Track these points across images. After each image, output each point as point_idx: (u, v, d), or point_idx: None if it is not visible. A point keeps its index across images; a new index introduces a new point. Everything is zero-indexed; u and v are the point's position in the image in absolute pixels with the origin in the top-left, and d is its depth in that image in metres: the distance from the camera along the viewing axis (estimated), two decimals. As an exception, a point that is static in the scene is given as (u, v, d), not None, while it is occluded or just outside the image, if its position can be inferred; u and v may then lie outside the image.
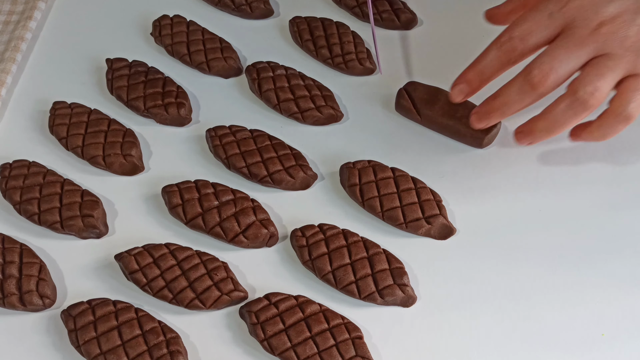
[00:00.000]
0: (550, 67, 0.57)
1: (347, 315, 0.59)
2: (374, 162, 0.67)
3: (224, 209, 0.63)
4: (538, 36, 0.58)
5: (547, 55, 0.57)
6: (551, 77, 0.57)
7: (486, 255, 0.62)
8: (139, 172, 0.68)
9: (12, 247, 0.61)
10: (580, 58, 0.57)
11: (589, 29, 0.57)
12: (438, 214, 0.63)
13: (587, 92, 0.56)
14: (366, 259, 0.61)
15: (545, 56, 0.57)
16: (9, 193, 0.65)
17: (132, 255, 0.61)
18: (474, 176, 0.67)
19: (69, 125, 0.69)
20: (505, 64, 0.60)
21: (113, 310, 0.58)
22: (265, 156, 0.67)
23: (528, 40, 0.58)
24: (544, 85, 0.57)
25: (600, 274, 0.61)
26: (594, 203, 0.65)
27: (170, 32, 0.77)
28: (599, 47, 0.57)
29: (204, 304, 0.59)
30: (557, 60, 0.57)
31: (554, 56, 0.57)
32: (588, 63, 0.57)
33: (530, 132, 0.61)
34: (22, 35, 0.77)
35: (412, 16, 0.79)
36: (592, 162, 0.68)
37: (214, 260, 0.61)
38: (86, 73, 0.75)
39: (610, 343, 0.58)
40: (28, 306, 0.59)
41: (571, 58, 0.57)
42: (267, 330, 0.57)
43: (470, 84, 0.62)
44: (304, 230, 0.63)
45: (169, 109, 0.71)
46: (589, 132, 0.60)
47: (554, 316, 0.59)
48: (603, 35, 0.57)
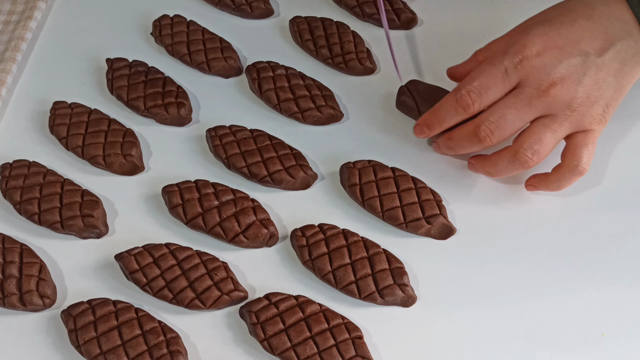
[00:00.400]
0: (496, 125, 0.61)
1: (347, 315, 0.59)
2: (374, 162, 0.67)
3: (224, 209, 0.63)
4: (494, 93, 0.61)
5: (495, 113, 0.61)
6: (497, 135, 0.61)
7: (486, 255, 0.62)
8: (139, 172, 0.68)
9: (12, 247, 0.61)
10: (527, 118, 0.61)
11: (539, 90, 0.60)
12: (438, 214, 0.63)
13: (527, 155, 0.61)
14: (366, 259, 0.61)
15: (493, 114, 0.61)
16: (9, 193, 0.65)
17: (132, 255, 0.61)
18: (474, 176, 0.67)
19: (69, 125, 0.69)
20: (462, 115, 0.63)
21: (113, 310, 0.58)
22: (266, 156, 0.67)
23: (484, 96, 0.62)
24: (490, 141, 0.62)
25: (600, 273, 0.61)
26: (594, 203, 0.65)
27: (171, 32, 0.77)
28: (547, 108, 0.61)
29: (204, 304, 0.59)
30: (505, 120, 0.61)
31: (502, 115, 0.61)
32: (533, 122, 0.61)
33: (474, 167, 0.66)
34: (22, 35, 0.77)
35: (412, 16, 0.79)
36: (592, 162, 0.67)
37: (214, 260, 0.61)
38: (86, 73, 0.75)
39: (610, 343, 0.58)
40: (28, 306, 0.59)
41: (518, 118, 0.61)
42: (267, 330, 0.57)
43: (430, 128, 0.65)
44: (304, 230, 0.63)
45: (169, 109, 0.71)
46: (546, 185, 0.64)
47: (554, 316, 0.59)
48: (552, 97, 0.60)
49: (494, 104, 0.61)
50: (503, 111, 0.61)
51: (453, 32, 0.78)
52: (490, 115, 0.61)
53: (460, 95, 0.62)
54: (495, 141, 0.61)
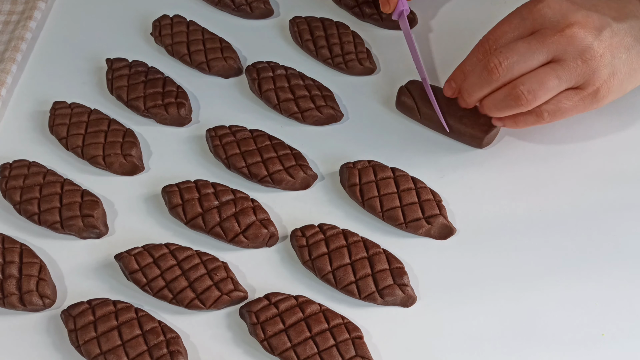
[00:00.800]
0: (505, 57, 0.61)
1: (347, 315, 0.59)
2: (374, 162, 0.67)
3: (224, 209, 0.63)
4: (510, 36, 0.62)
5: (508, 47, 0.61)
6: (505, 69, 0.61)
7: (486, 255, 0.62)
8: (139, 172, 0.68)
9: (12, 247, 0.61)
10: (538, 58, 0.61)
11: (555, 30, 0.60)
12: (438, 214, 0.63)
13: (522, 91, 0.60)
14: (366, 259, 0.61)
15: (506, 48, 0.61)
16: (9, 193, 0.65)
17: (132, 255, 0.61)
18: (474, 176, 0.67)
19: (69, 125, 0.69)
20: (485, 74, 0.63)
21: (113, 310, 0.58)
22: (265, 156, 0.67)
23: (500, 39, 0.62)
24: (498, 74, 0.61)
25: (601, 274, 0.61)
26: (594, 203, 0.65)
27: (170, 32, 0.77)
28: (559, 50, 0.60)
29: (204, 304, 0.59)
30: (516, 53, 0.61)
31: (515, 49, 0.61)
32: (541, 66, 0.61)
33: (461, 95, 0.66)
34: (22, 35, 0.77)
35: (412, 16, 0.79)
36: (592, 162, 0.68)
37: (214, 260, 0.61)
38: (86, 73, 0.75)
39: (610, 343, 0.58)
40: (28, 306, 0.59)
41: (529, 54, 0.60)
42: (267, 330, 0.57)
43: (456, 81, 0.66)
44: (304, 230, 0.63)
45: (169, 109, 0.71)
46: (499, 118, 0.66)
47: (554, 316, 0.59)
48: (567, 38, 0.60)
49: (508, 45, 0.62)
50: (516, 45, 0.61)
51: (453, 32, 0.78)
52: (502, 49, 0.61)
53: (480, 43, 0.64)
54: (502, 74, 0.61)
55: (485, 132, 0.68)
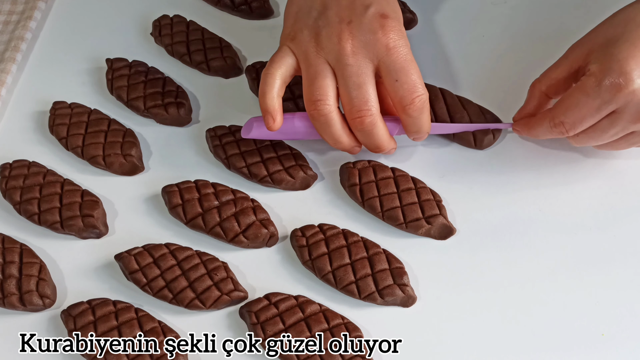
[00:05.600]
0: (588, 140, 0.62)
1: (347, 315, 0.59)
2: (374, 162, 0.67)
3: (224, 209, 0.63)
4: (589, 122, 0.60)
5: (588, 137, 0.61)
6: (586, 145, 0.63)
7: (486, 255, 0.62)
8: (139, 172, 0.68)
9: (12, 247, 0.61)
10: (616, 135, 0.61)
11: (636, 117, 0.58)
12: (438, 214, 0.63)
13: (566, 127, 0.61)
14: (366, 259, 0.61)
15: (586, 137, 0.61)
16: (9, 193, 0.65)
17: (132, 255, 0.61)
18: (474, 176, 0.67)
19: (69, 125, 0.69)
20: (556, 135, 0.62)
21: (113, 310, 0.58)
22: (265, 156, 0.67)
23: (578, 126, 0.60)
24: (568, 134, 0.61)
25: (600, 274, 0.61)
26: (593, 203, 0.65)
27: (170, 32, 0.77)
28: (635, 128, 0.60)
29: (204, 304, 0.59)
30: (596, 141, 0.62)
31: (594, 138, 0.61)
32: None
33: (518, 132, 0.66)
34: (22, 35, 0.77)
35: (412, 16, 0.78)
36: (592, 163, 0.68)
37: (214, 260, 0.61)
38: (86, 73, 0.75)
39: (610, 343, 0.58)
40: (28, 306, 0.59)
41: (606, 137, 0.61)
42: (267, 330, 0.57)
43: (520, 134, 0.66)
44: (304, 230, 0.63)
45: (169, 109, 0.71)
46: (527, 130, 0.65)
47: (554, 316, 0.59)
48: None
49: (590, 128, 0.61)
50: (599, 135, 0.61)
51: (452, 32, 0.78)
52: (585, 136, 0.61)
53: (554, 124, 0.61)
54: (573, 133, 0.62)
55: (485, 133, 0.68)
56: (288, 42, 0.63)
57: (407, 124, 0.63)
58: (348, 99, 0.61)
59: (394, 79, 0.61)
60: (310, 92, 0.61)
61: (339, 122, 0.62)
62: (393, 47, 0.61)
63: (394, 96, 0.61)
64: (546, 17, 0.78)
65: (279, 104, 0.63)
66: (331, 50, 0.61)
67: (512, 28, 0.77)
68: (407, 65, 0.61)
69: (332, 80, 0.62)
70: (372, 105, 0.61)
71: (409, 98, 0.61)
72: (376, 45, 0.61)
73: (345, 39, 0.61)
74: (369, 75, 0.61)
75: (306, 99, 0.62)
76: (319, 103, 0.61)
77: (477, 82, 0.73)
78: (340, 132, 0.63)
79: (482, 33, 0.77)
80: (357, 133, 0.63)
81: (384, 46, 0.61)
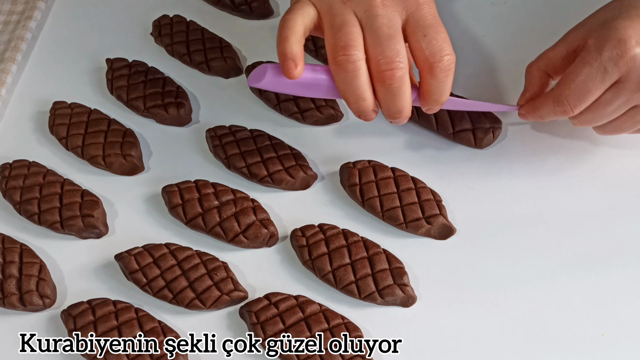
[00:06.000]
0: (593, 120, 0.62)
1: (347, 315, 0.59)
2: (374, 162, 0.67)
3: (224, 209, 0.63)
4: (594, 95, 0.59)
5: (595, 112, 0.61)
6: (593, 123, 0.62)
7: (486, 255, 0.62)
8: (139, 172, 0.68)
9: (12, 247, 0.61)
10: (623, 110, 0.60)
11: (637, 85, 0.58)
12: (438, 214, 0.63)
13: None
14: (366, 259, 0.61)
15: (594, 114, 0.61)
16: (9, 193, 0.65)
17: (132, 255, 0.61)
18: (474, 176, 0.67)
19: (69, 125, 0.69)
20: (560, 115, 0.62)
21: (113, 310, 0.58)
22: (265, 156, 0.67)
23: (584, 100, 0.60)
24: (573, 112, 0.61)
25: (600, 274, 0.61)
26: (593, 203, 0.65)
27: (170, 32, 0.77)
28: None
29: (204, 304, 0.59)
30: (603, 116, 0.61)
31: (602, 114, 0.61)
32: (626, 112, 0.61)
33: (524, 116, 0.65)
34: (22, 35, 0.77)
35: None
36: (592, 163, 0.68)
37: (214, 260, 0.61)
38: (86, 73, 0.75)
39: (610, 343, 0.58)
40: (28, 306, 0.59)
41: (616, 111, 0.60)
42: (267, 330, 0.57)
43: (528, 119, 0.65)
44: (304, 230, 0.63)
45: (169, 109, 0.71)
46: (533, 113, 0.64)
47: (554, 316, 0.59)
48: None
49: (593, 104, 0.60)
50: (602, 110, 0.60)
51: (452, 32, 0.78)
52: (589, 113, 0.61)
53: (558, 101, 0.60)
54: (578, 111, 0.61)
55: (485, 133, 0.68)
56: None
57: (429, 89, 0.59)
58: (379, 50, 0.56)
59: (423, 34, 0.57)
60: (338, 38, 0.56)
61: (365, 75, 0.57)
62: (423, 3, 0.58)
63: (421, 54, 0.58)
64: (546, 17, 0.78)
65: (301, 50, 0.57)
66: (360, 0, 0.57)
67: (512, 28, 0.77)
68: (437, 23, 0.58)
69: (359, 31, 0.57)
70: (403, 58, 0.57)
71: (438, 55, 0.57)
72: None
73: None
74: (399, 29, 0.57)
75: (331, 47, 0.57)
76: (349, 48, 0.56)
77: (477, 82, 0.73)
78: (365, 87, 0.57)
79: (482, 33, 0.77)
80: (382, 91, 0.57)
81: (415, 1, 0.58)
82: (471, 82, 0.73)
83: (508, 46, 0.75)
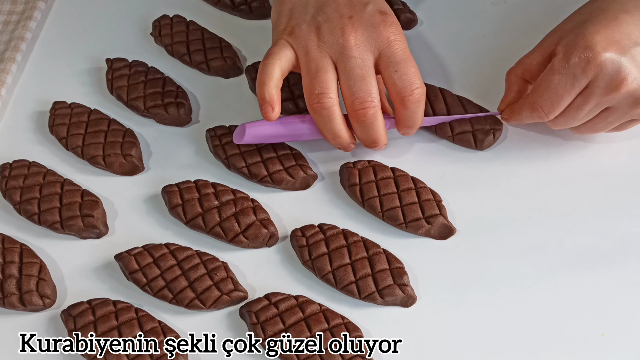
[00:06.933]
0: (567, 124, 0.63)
1: (347, 315, 0.59)
2: (374, 162, 0.67)
3: (224, 209, 0.63)
4: (566, 101, 0.61)
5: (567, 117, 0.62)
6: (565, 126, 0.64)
7: (486, 256, 0.62)
8: (139, 172, 0.68)
9: (12, 247, 0.61)
10: (594, 113, 0.62)
11: (609, 88, 0.59)
12: (438, 214, 0.63)
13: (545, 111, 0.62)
14: (366, 259, 0.61)
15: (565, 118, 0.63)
16: (9, 193, 0.65)
17: (132, 255, 0.61)
18: (474, 176, 0.67)
19: (69, 125, 0.69)
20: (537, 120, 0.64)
21: (113, 310, 0.58)
22: (265, 156, 0.67)
23: (556, 107, 0.61)
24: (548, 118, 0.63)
25: (600, 274, 0.61)
26: (593, 203, 0.65)
27: (170, 32, 0.77)
28: (612, 102, 0.61)
29: (204, 304, 0.59)
30: (576, 120, 0.63)
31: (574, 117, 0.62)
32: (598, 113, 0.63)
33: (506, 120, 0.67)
34: (22, 35, 0.77)
35: (412, 16, 0.78)
36: (592, 163, 0.68)
37: (214, 260, 0.61)
38: (86, 73, 0.75)
39: (610, 343, 0.58)
40: (28, 306, 0.59)
41: (587, 115, 0.62)
42: (267, 330, 0.57)
43: (509, 122, 0.67)
44: (304, 230, 0.63)
45: (169, 109, 0.71)
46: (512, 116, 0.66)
47: (554, 316, 0.59)
48: (621, 94, 0.60)
49: (566, 109, 0.62)
50: (575, 114, 0.62)
51: (453, 32, 0.78)
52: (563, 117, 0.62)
53: (533, 108, 0.62)
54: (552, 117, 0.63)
55: (485, 134, 0.68)
56: (285, 36, 0.64)
57: (402, 117, 0.64)
58: (351, 91, 0.62)
59: (394, 69, 0.62)
60: (313, 85, 0.62)
61: (339, 116, 0.63)
62: (394, 40, 0.62)
63: (393, 88, 0.62)
64: (546, 17, 0.78)
65: (278, 94, 0.63)
66: (334, 43, 0.62)
67: (511, 28, 0.77)
68: (407, 58, 0.62)
69: (333, 75, 0.62)
70: (375, 97, 0.62)
71: (408, 89, 0.62)
72: (378, 38, 0.62)
73: (348, 32, 0.62)
74: (371, 68, 0.62)
75: (308, 93, 0.62)
76: (322, 96, 0.61)
77: (477, 82, 0.73)
78: (340, 127, 0.63)
79: (482, 33, 0.77)
80: (357, 126, 0.63)
81: (386, 39, 0.62)
82: (471, 81, 0.73)
83: (508, 46, 0.75)
